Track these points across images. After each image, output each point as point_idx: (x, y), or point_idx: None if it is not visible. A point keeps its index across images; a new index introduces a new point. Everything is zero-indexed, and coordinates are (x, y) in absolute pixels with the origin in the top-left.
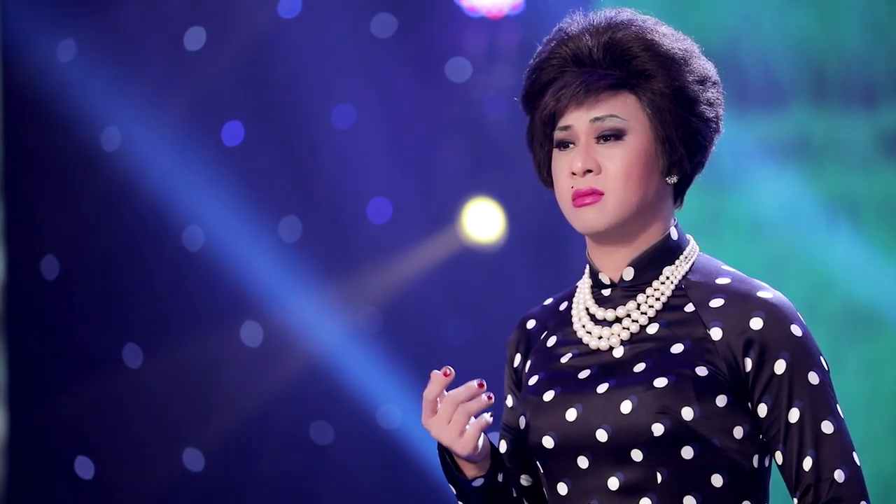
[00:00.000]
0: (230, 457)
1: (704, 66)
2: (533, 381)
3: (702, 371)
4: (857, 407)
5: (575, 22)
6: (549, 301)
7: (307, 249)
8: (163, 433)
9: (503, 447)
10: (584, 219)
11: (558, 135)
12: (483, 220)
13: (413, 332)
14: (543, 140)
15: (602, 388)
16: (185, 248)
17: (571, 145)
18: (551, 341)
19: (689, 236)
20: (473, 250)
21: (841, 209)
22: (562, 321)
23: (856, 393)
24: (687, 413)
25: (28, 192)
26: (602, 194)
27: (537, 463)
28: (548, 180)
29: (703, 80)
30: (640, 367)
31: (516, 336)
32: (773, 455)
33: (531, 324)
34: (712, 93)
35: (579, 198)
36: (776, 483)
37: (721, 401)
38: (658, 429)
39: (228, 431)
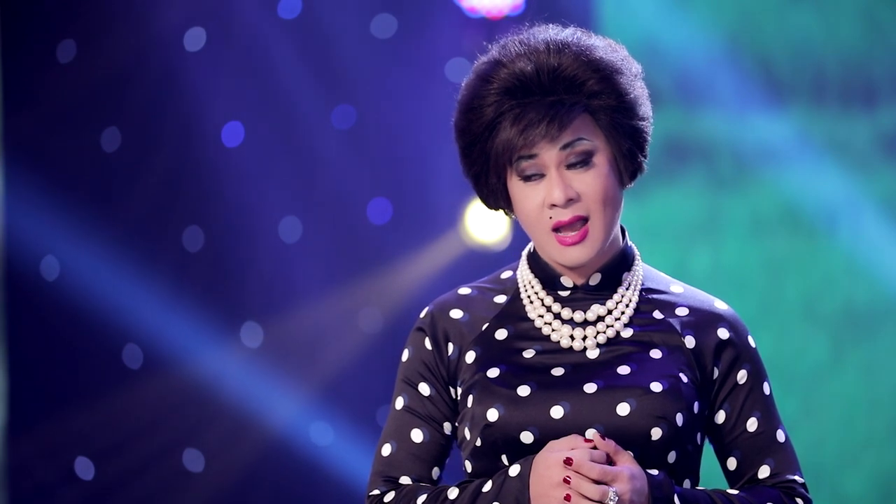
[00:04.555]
0: (230, 457)
1: (635, 66)
2: (494, 373)
3: (684, 378)
4: (858, 408)
5: (507, 48)
6: (466, 291)
7: (307, 249)
8: (163, 433)
9: (418, 437)
10: (571, 258)
11: (524, 165)
12: (486, 222)
13: None
14: (500, 171)
15: (590, 388)
16: (185, 248)
17: (537, 176)
18: (501, 334)
19: (632, 243)
20: (477, 252)
21: (841, 209)
22: (508, 315)
23: (856, 394)
24: (679, 419)
25: (28, 192)
26: (586, 220)
27: (502, 456)
28: (499, 206)
29: (637, 79)
30: (624, 370)
31: (441, 324)
32: (723, 460)
33: (457, 313)
34: (644, 88)
35: (564, 234)
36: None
37: (696, 407)
38: (656, 433)
39: (228, 431)
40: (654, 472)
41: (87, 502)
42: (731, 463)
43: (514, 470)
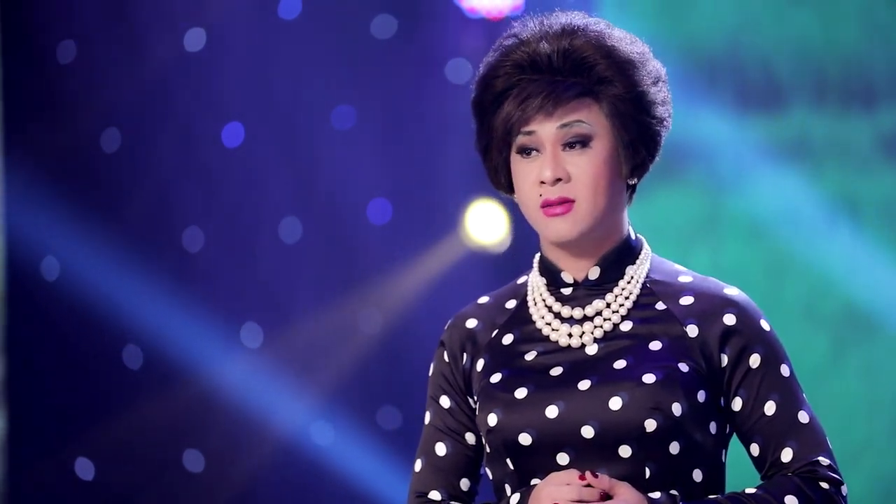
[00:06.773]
0: (230, 457)
1: (657, 66)
2: (496, 378)
3: (684, 367)
4: (857, 409)
5: (528, 27)
6: (484, 300)
7: (307, 250)
8: (163, 434)
9: (442, 450)
10: (555, 230)
11: (521, 140)
12: (486, 223)
13: (414, 334)
14: (502, 146)
15: (584, 384)
16: (185, 248)
17: (535, 152)
18: (507, 339)
19: (640, 236)
20: (477, 253)
21: (841, 210)
22: (515, 319)
23: (856, 395)
24: (676, 409)
25: (28, 193)
26: (573, 202)
27: (507, 460)
28: (504, 185)
29: (656, 81)
30: (620, 364)
31: (457, 335)
32: (746, 447)
33: (472, 323)
34: (664, 91)
35: (549, 207)
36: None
37: (701, 396)
38: (651, 424)
39: (228, 432)
40: (657, 495)
41: (87, 502)
42: (754, 449)
43: (514, 499)
